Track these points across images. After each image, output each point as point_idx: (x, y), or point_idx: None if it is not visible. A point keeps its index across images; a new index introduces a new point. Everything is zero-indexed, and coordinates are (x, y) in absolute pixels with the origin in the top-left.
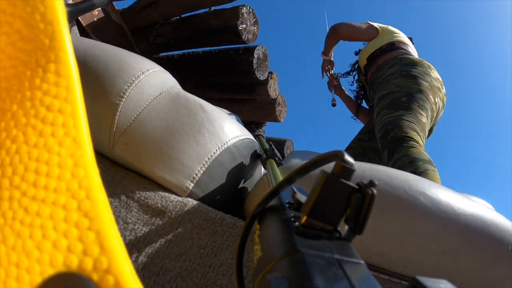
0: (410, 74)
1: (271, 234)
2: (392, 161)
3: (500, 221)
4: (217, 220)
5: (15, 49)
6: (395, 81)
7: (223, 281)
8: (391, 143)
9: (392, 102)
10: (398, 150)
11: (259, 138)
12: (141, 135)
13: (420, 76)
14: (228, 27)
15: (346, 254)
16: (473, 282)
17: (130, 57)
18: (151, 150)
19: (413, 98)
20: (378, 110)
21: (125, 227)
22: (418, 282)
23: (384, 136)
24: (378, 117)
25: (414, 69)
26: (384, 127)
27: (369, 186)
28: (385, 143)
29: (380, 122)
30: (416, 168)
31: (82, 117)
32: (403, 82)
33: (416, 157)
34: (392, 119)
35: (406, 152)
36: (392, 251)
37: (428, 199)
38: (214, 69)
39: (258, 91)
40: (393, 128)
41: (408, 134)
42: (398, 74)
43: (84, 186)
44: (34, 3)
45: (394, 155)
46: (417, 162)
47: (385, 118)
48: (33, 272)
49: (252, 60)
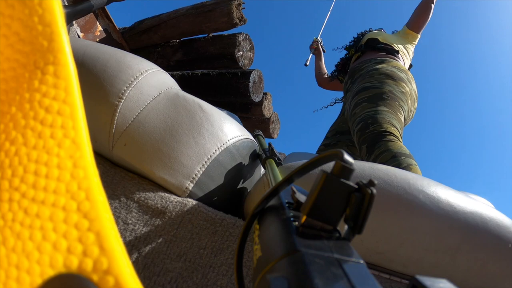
0: (396, 75)
1: (270, 234)
2: (372, 156)
3: (499, 219)
4: (217, 220)
5: (13, 51)
6: (379, 77)
7: (224, 281)
8: (371, 138)
9: (373, 96)
10: (378, 145)
11: (258, 138)
12: (140, 135)
13: (404, 80)
14: (225, 54)
15: (346, 254)
16: (473, 280)
17: (129, 57)
18: (150, 150)
19: (395, 97)
20: (358, 101)
21: (125, 228)
22: (418, 281)
23: (362, 129)
24: (358, 108)
25: (400, 73)
26: (363, 120)
27: (369, 186)
28: (363, 137)
29: (360, 114)
30: (399, 163)
31: (81, 119)
32: (386, 80)
33: (397, 151)
34: (372, 113)
35: (387, 147)
36: (391, 250)
37: (427, 197)
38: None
39: (253, 111)
40: (373, 122)
41: (388, 129)
42: (383, 71)
43: (83, 187)
44: (32, 5)
45: (374, 150)
46: (400, 157)
47: (365, 111)
48: (33, 273)
49: (248, 84)
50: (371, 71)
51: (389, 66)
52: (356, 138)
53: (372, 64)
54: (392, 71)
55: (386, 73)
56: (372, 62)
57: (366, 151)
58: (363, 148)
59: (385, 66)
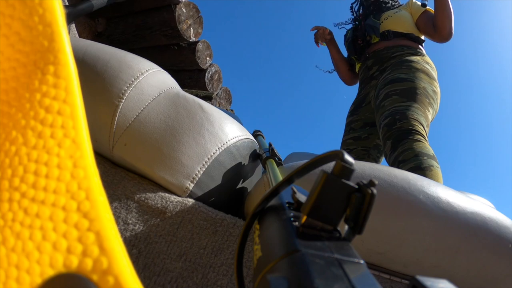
0: (430, 73)
1: (271, 234)
2: (396, 153)
3: (499, 219)
4: (217, 220)
5: (14, 51)
6: (416, 71)
7: (224, 281)
8: (397, 134)
9: (406, 90)
10: (403, 143)
11: (258, 138)
12: (140, 135)
13: (436, 80)
14: None
15: (346, 254)
16: (474, 280)
17: (129, 57)
18: (150, 150)
19: (427, 94)
20: (389, 93)
21: (125, 227)
22: (418, 281)
23: (390, 124)
24: (388, 100)
25: (432, 71)
26: (392, 115)
27: (369, 186)
28: (389, 133)
29: (388, 108)
30: (421, 163)
31: (81, 118)
32: (422, 76)
33: (421, 151)
34: (401, 108)
35: (411, 145)
36: (392, 250)
37: (427, 197)
38: None
39: None
40: (401, 118)
41: (415, 128)
42: (419, 66)
43: (83, 187)
44: (33, 4)
45: (399, 147)
46: (422, 156)
47: (395, 105)
48: (33, 273)
49: None
50: (406, 62)
51: (424, 62)
52: (382, 132)
53: (405, 54)
54: (427, 68)
55: (422, 69)
56: (405, 51)
57: (391, 147)
58: (388, 144)
59: (420, 60)
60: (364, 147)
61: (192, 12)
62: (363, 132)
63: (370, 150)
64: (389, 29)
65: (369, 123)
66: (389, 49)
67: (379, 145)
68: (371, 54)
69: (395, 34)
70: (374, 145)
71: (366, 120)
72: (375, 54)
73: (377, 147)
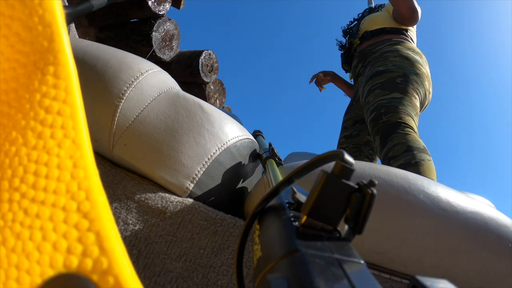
0: (411, 56)
1: (271, 234)
2: (385, 149)
3: (500, 219)
4: (217, 220)
5: (13, 51)
6: (394, 60)
7: (224, 281)
8: (384, 129)
9: (387, 82)
10: (391, 137)
11: (258, 138)
12: (140, 136)
13: (419, 62)
14: None
15: (346, 254)
16: (474, 280)
17: (129, 57)
18: (150, 150)
19: (409, 80)
20: (371, 88)
21: (125, 228)
22: (418, 281)
23: (376, 119)
24: (371, 96)
25: (415, 55)
26: (377, 109)
27: (369, 186)
28: (377, 127)
29: (372, 103)
30: (412, 158)
31: (81, 119)
32: (401, 63)
33: (411, 145)
34: (386, 102)
35: (401, 139)
36: (392, 250)
37: (427, 197)
38: None
39: None
40: (387, 112)
41: (403, 120)
42: (398, 53)
43: (83, 187)
44: (33, 5)
45: (388, 142)
46: (413, 151)
47: (378, 99)
48: (33, 273)
49: None
50: (385, 53)
51: (404, 48)
52: (370, 127)
53: (385, 46)
54: (407, 53)
55: (401, 55)
56: (385, 44)
57: (380, 142)
58: (377, 139)
59: (399, 48)
60: (355, 144)
61: (218, 87)
62: (354, 130)
63: (361, 147)
64: (366, 30)
65: (359, 120)
66: (371, 46)
67: (370, 141)
68: (356, 55)
69: (373, 33)
70: (365, 141)
71: (356, 118)
72: (359, 54)
73: (369, 144)
